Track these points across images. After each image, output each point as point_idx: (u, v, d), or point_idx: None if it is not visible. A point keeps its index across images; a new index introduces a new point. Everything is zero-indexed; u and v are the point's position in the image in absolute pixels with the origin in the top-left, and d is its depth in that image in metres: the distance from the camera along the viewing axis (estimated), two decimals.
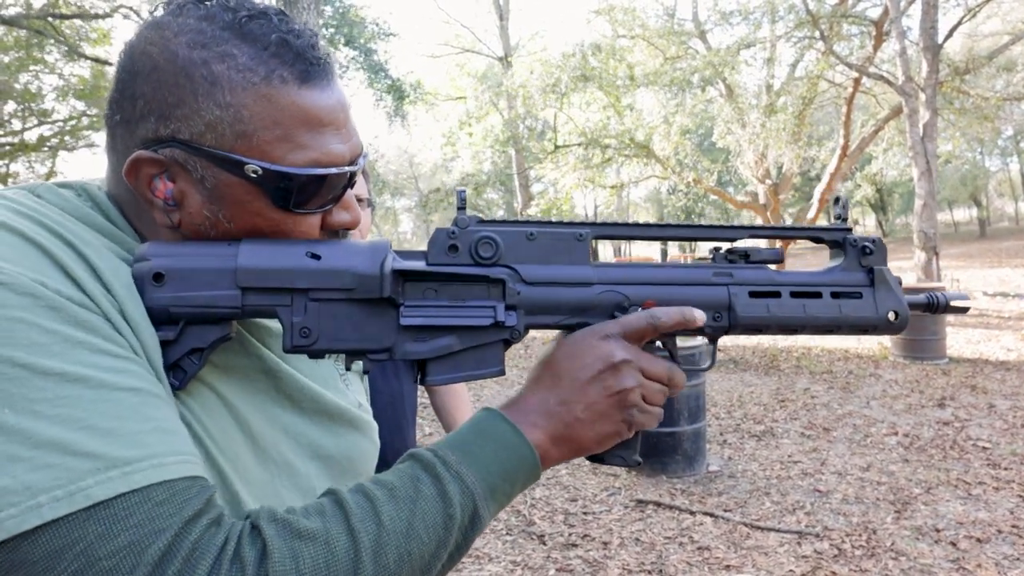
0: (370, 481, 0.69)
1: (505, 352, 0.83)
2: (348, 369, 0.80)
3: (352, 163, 0.77)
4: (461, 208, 0.82)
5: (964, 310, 0.97)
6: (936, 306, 0.96)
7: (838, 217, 0.96)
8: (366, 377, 1.06)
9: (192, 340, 0.71)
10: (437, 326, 0.79)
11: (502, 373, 0.82)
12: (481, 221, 0.83)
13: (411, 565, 0.65)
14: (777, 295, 0.90)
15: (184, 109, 0.69)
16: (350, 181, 0.79)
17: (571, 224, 0.86)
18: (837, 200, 0.96)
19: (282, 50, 0.71)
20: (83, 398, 0.57)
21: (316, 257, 0.75)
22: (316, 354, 0.76)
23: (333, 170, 0.74)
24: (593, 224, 0.87)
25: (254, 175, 0.71)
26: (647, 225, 0.90)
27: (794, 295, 0.90)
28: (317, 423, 0.84)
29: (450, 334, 0.80)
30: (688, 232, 0.93)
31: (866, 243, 0.92)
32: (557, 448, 0.78)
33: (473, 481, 0.70)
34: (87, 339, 0.60)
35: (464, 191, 0.85)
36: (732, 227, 0.92)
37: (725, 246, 0.94)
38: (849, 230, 0.94)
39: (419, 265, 0.79)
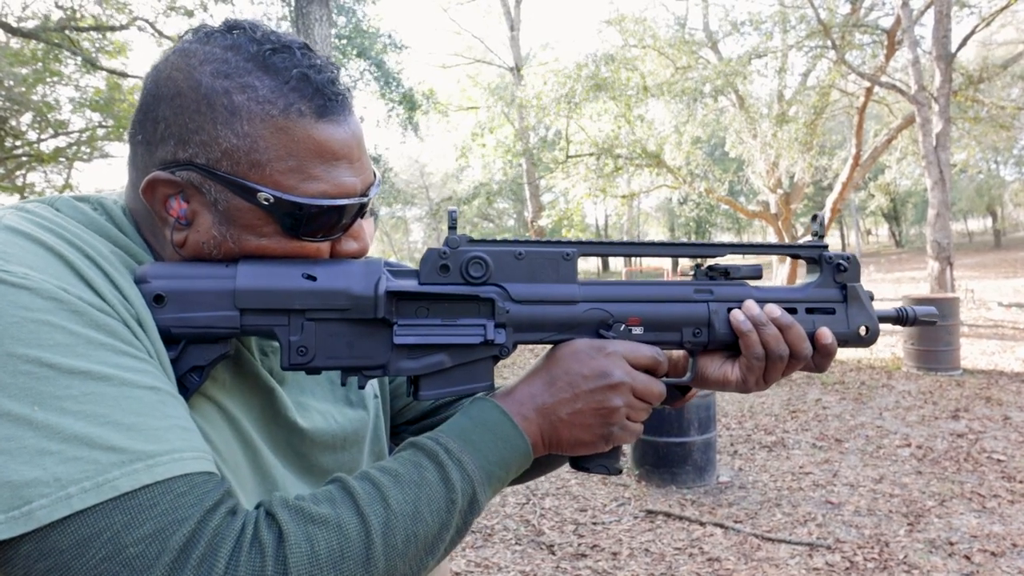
0: (373, 468, 0.72)
1: (494, 366, 0.85)
2: (343, 384, 0.82)
3: (363, 194, 0.79)
4: (452, 228, 0.84)
5: (932, 323, 1.01)
6: (905, 319, 1.00)
7: (815, 234, 0.99)
8: None
9: (193, 359, 0.73)
10: (429, 344, 0.81)
11: (492, 388, 0.85)
12: (471, 241, 0.85)
13: (417, 546, 0.68)
14: None
15: (203, 135, 0.72)
16: (360, 212, 0.81)
17: (558, 243, 0.88)
18: (815, 218, 1.00)
19: (302, 84, 0.73)
20: (106, 395, 0.60)
21: (312, 279, 0.77)
22: (313, 371, 0.79)
23: (342, 201, 0.76)
24: (579, 243, 0.90)
25: (266, 203, 0.73)
26: (629, 244, 0.92)
27: None
28: (310, 439, 0.86)
29: (442, 352, 0.82)
30: (670, 250, 0.95)
31: (841, 260, 0.96)
32: (543, 441, 0.83)
33: (473, 469, 0.74)
34: (108, 341, 0.63)
35: (455, 211, 0.87)
36: (713, 244, 0.95)
37: (708, 262, 0.96)
38: (825, 247, 0.97)
39: (411, 285, 0.81)
